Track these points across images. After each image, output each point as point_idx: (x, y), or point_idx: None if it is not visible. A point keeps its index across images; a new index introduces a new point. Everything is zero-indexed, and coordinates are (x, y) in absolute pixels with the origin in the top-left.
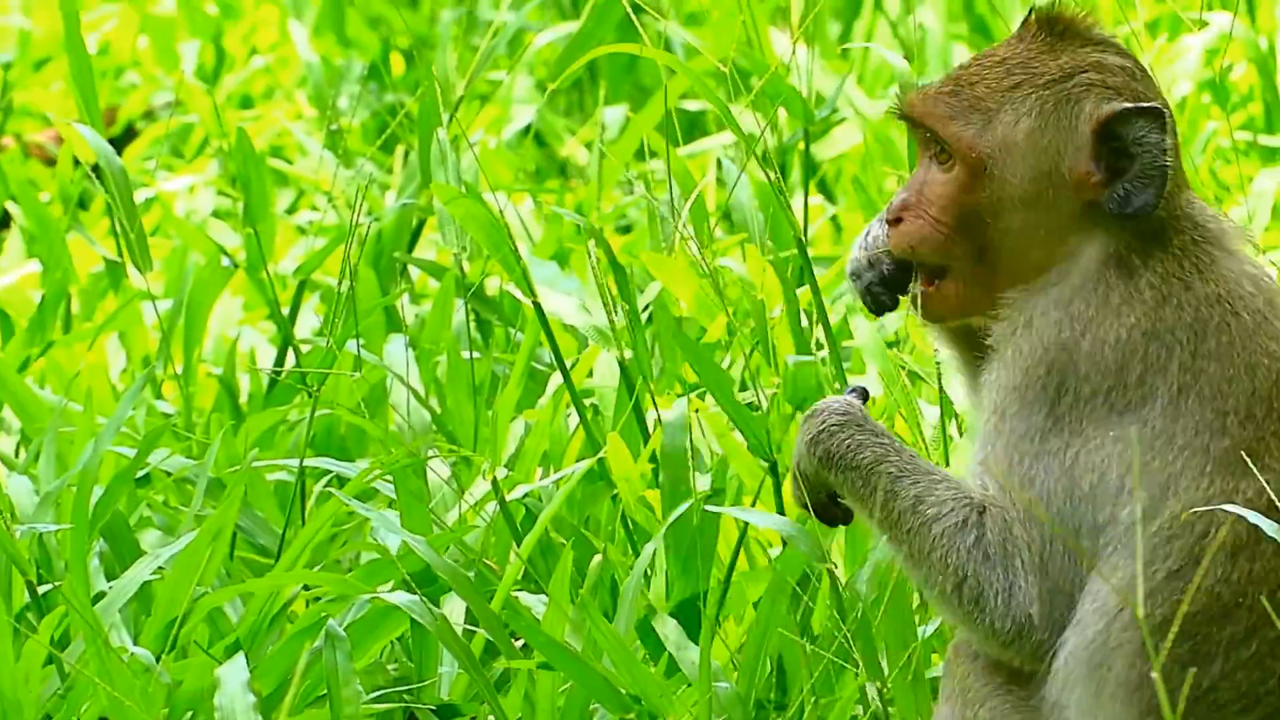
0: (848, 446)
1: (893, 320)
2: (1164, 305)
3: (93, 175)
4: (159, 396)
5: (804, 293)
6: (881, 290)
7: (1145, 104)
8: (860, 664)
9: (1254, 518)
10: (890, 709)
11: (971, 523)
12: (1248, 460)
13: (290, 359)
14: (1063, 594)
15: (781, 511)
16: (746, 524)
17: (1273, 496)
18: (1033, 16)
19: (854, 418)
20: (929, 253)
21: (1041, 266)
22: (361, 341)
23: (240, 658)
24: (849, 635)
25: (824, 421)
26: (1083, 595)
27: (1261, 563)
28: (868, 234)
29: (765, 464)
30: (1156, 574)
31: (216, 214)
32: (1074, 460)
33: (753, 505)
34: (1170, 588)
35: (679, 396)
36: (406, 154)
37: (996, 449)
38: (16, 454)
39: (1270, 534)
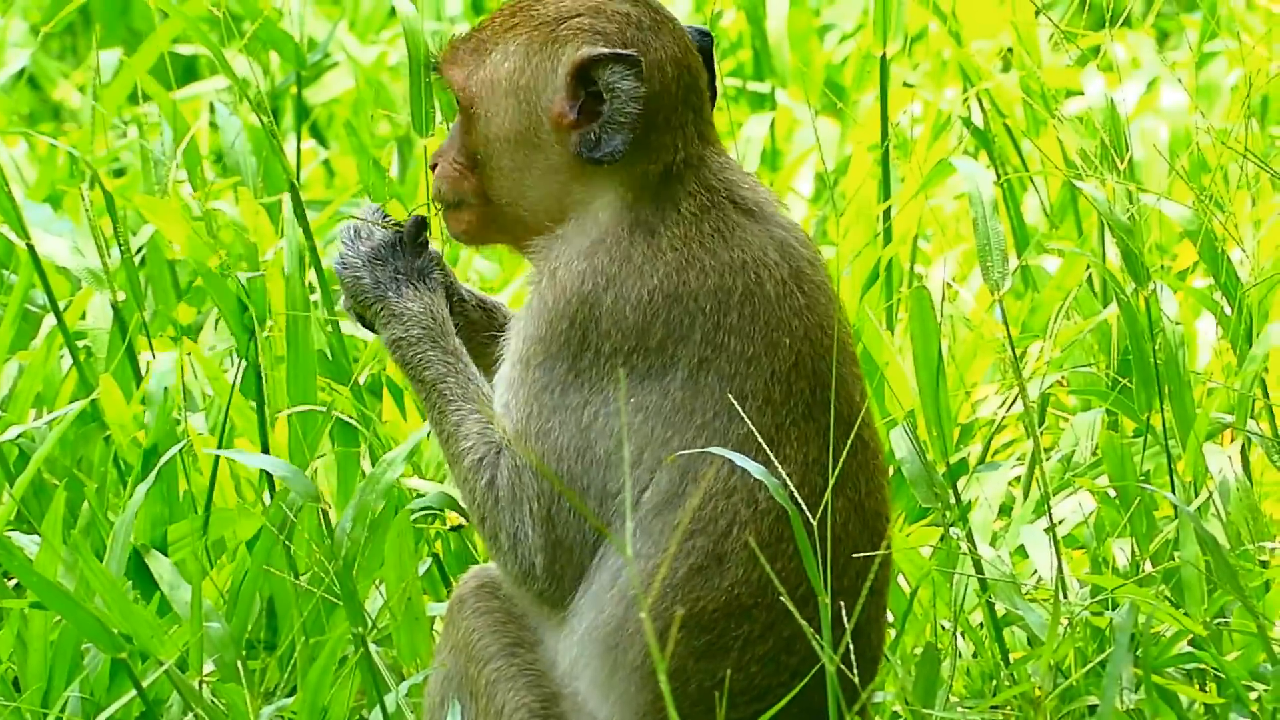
0: (419, 361)
1: None
2: (687, 269)
3: None
4: None
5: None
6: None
7: (622, 51)
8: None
9: (742, 464)
10: (385, 649)
11: (488, 462)
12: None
13: None
14: (568, 549)
15: (268, 451)
16: (234, 463)
17: (789, 491)
18: None
19: (432, 331)
20: (449, 192)
21: (553, 214)
22: None
23: None
24: (336, 576)
25: (407, 330)
26: (600, 569)
27: (782, 562)
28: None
29: (254, 405)
30: (678, 570)
31: None
32: (591, 420)
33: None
34: (691, 584)
35: (171, 339)
36: None
37: (519, 396)
38: None
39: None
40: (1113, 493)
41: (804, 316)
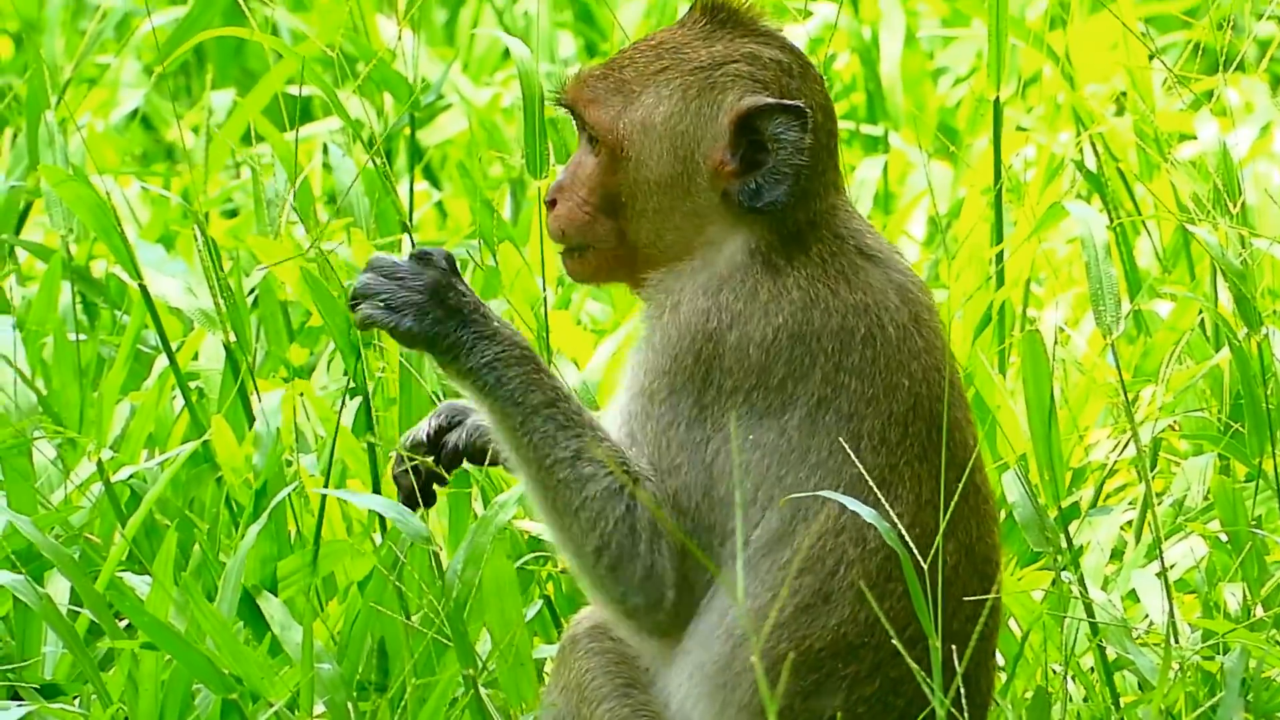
0: (523, 382)
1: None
2: (812, 308)
3: None
4: None
5: None
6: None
7: (788, 101)
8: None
9: (846, 501)
10: (494, 691)
11: (627, 492)
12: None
13: None
14: (692, 585)
15: (379, 492)
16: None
17: (901, 531)
18: (698, 2)
19: (531, 356)
20: (575, 235)
21: (681, 253)
22: None
23: None
24: (447, 618)
25: (505, 349)
26: (709, 607)
27: (890, 603)
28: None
29: (367, 447)
30: (785, 610)
31: None
32: (714, 457)
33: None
34: (798, 623)
35: (283, 380)
36: (15, 136)
37: (646, 431)
38: None
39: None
40: (1224, 537)
41: (923, 359)
